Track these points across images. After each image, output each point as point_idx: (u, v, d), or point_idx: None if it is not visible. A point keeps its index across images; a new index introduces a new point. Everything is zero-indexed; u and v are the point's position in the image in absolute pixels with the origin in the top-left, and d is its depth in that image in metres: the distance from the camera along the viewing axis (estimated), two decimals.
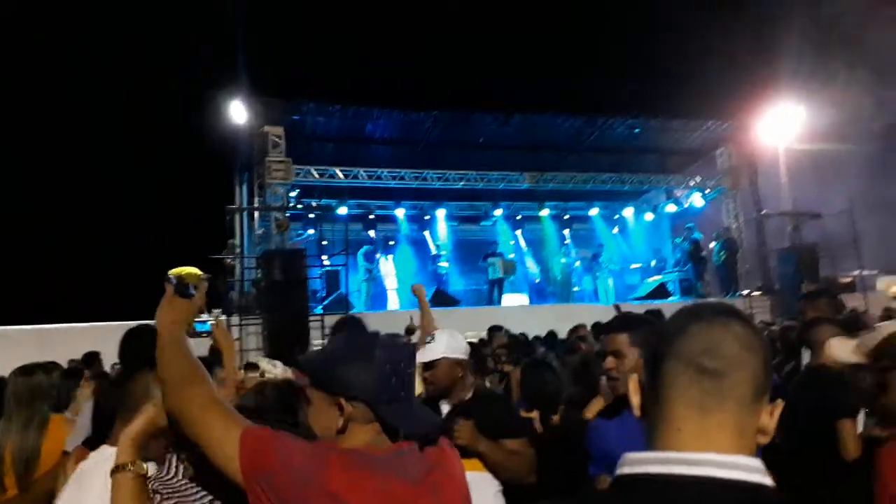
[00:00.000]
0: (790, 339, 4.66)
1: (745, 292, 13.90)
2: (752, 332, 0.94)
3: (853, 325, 3.71)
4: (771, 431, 0.93)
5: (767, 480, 0.86)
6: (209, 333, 3.69)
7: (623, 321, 2.33)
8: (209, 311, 12.25)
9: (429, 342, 2.61)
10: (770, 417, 0.93)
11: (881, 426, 2.66)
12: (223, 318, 10.83)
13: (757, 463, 0.87)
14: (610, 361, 2.20)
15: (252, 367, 2.53)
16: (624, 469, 0.91)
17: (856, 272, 13.18)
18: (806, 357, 3.54)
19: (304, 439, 1.42)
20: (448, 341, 2.61)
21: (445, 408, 2.60)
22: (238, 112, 12.71)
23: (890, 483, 1.72)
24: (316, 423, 1.51)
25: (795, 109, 15.05)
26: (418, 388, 2.45)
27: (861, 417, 2.95)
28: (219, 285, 11.78)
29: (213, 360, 5.21)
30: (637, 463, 0.90)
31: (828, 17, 18.19)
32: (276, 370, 2.51)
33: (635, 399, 1.01)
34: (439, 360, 2.57)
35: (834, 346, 2.14)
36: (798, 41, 17.16)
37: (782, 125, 15.10)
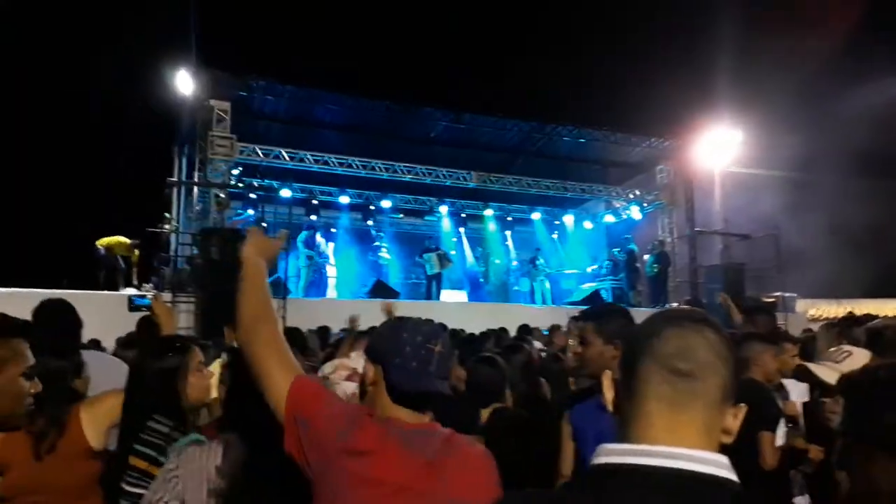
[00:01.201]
0: None
1: (674, 304, 14.39)
2: (723, 340, 1.00)
3: (780, 340, 3.90)
4: (734, 432, 0.98)
5: (734, 476, 0.92)
6: (148, 307, 3.58)
7: (595, 312, 2.42)
8: (140, 286, 11.88)
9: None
10: (734, 419, 0.98)
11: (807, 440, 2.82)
12: (154, 293, 10.49)
13: (725, 460, 0.93)
14: (574, 346, 2.30)
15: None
16: (600, 459, 0.95)
17: (778, 293, 13.83)
18: None
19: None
20: None
21: None
22: (184, 82, 12.28)
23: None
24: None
25: (733, 134, 15.67)
26: None
27: (781, 430, 3.11)
28: (155, 258, 11.41)
29: (148, 335, 5.04)
30: (613, 454, 0.94)
31: (767, 49, 19.05)
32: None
33: (609, 394, 1.06)
34: None
35: (818, 370, 2.19)
36: (738, 70, 17.93)
37: (720, 148, 15.70)
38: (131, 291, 10.98)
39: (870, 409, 1.09)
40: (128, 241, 11.80)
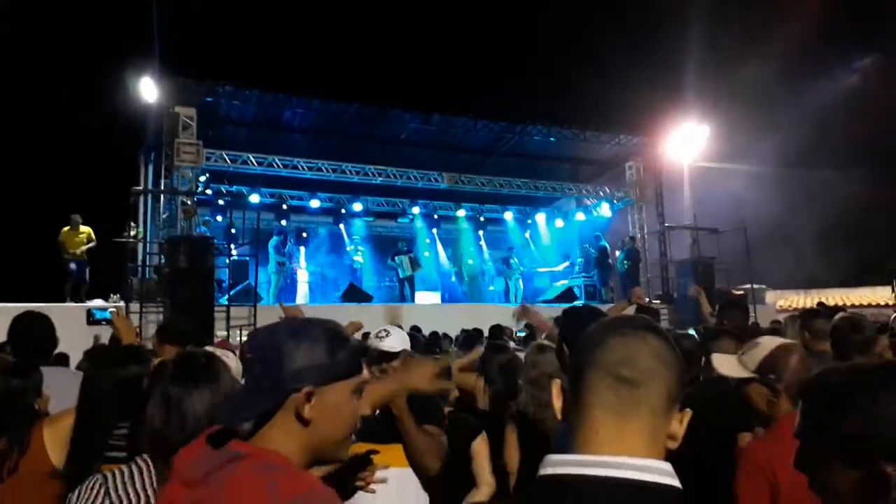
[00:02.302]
0: (686, 348, 4.91)
1: (646, 300, 14.52)
2: (667, 346, 1.01)
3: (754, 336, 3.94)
4: (679, 437, 1.00)
5: (676, 483, 0.93)
6: (109, 321, 3.52)
7: (563, 315, 2.50)
8: (108, 297, 11.66)
9: (384, 336, 2.64)
10: (679, 425, 1.00)
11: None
12: (122, 304, 10.31)
13: (667, 466, 0.94)
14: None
15: None
16: (546, 470, 0.96)
17: (747, 286, 14.05)
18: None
19: None
20: (402, 336, 2.69)
21: None
22: (148, 90, 12.09)
23: (781, 476, 1.79)
24: None
25: (700, 129, 15.89)
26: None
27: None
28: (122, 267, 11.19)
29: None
30: (557, 465, 0.95)
31: (733, 44, 19.36)
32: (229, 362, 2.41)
33: (557, 403, 1.06)
34: (400, 351, 2.62)
35: (718, 362, 2.28)
36: (705, 66, 18.22)
37: (688, 143, 15.91)
38: (94, 303, 10.74)
39: (823, 416, 1.12)
40: (66, 227, 11.16)
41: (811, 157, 18.83)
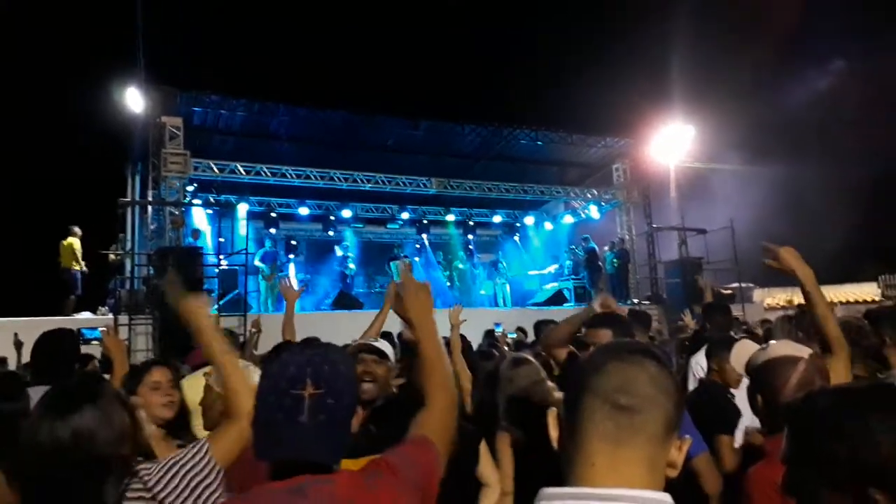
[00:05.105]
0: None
1: (636, 301, 14.60)
2: (665, 373, 0.98)
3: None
4: (679, 466, 0.97)
5: None
6: (99, 340, 3.50)
7: (607, 319, 2.60)
8: (96, 309, 11.57)
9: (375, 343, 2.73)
10: (679, 452, 0.97)
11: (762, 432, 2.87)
12: (111, 316, 10.24)
13: (667, 498, 0.91)
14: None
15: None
16: (542, 503, 0.94)
17: (735, 284, 14.14)
18: (698, 370, 3.80)
19: None
20: (388, 347, 2.76)
21: None
22: (134, 100, 12.01)
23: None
24: None
25: (685, 129, 15.98)
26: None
27: (740, 432, 3.16)
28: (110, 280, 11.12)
29: (106, 366, 4.92)
30: (554, 498, 0.93)
31: (716, 45, 19.50)
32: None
33: (553, 432, 1.03)
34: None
35: (738, 350, 2.44)
36: (688, 68, 18.35)
37: (674, 144, 15.99)
38: (82, 317, 10.64)
39: (811, 440, 1.09)
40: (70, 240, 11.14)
41: (796, 155, 18.99)
